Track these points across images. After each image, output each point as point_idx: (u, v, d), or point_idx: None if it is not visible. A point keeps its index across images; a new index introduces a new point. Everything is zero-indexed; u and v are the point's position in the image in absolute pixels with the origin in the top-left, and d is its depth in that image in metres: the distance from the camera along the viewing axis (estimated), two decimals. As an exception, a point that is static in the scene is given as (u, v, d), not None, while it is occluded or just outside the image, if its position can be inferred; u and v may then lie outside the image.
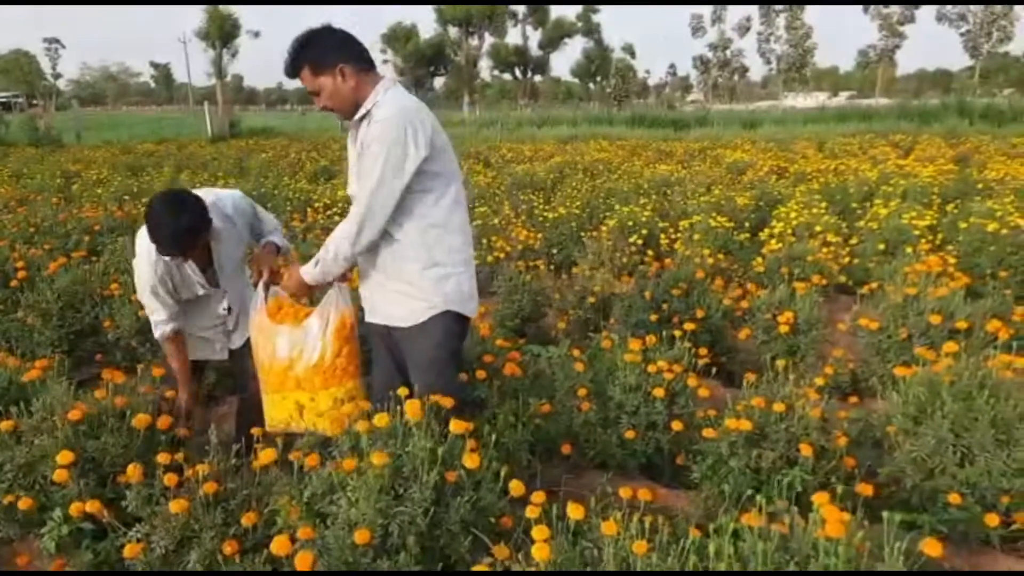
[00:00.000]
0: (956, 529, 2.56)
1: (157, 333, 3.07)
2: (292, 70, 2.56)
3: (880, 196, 8.10)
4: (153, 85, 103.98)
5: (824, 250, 5.83)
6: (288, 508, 2.24)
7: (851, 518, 1.84)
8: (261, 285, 2.95)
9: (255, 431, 2.63)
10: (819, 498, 1.85)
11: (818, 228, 6.44)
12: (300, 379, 2.79)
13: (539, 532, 1.88)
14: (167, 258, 2.90)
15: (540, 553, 1.83)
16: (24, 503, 2.47)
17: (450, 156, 2.63)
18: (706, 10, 62.88)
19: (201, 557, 2.27)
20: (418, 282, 2.61)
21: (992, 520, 2.41)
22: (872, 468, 2.88)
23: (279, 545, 2.06)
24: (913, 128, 21.15)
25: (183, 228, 2.73)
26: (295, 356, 2.78)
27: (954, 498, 2.49)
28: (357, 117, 2.56)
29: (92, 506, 2.38)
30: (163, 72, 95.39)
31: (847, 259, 6.07)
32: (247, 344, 3.06)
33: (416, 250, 2.59)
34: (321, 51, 2.52)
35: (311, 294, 2.86)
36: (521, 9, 52.32)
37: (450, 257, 2.63)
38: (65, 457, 2.47)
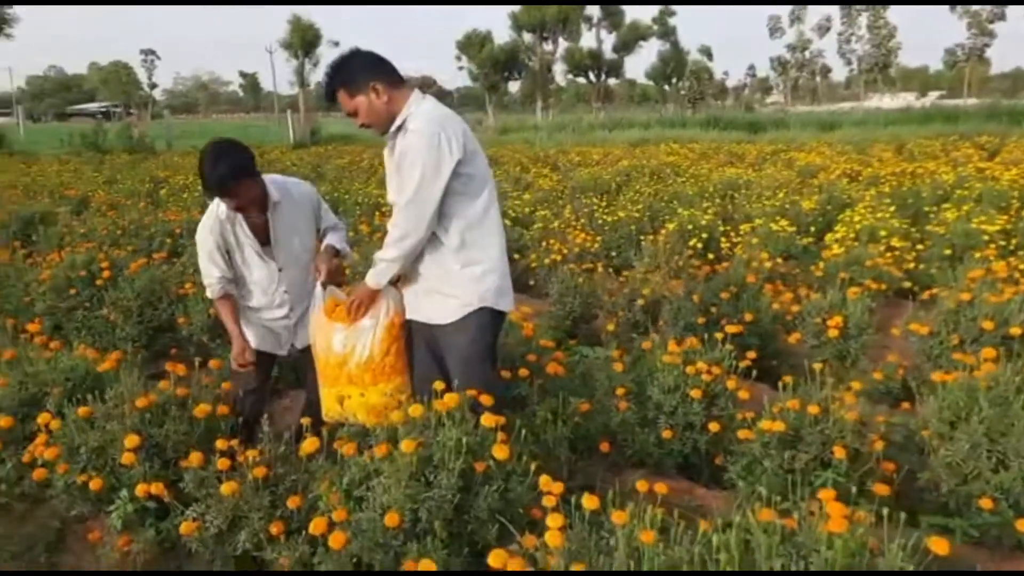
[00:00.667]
0: (989, 533, 2.54)
1: (209, 292, 3.30)
2: (329, 94, 2.75)
3: (953, 200, 7.85)
4: (241, 94, 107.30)
5: (887, 255, 5.71)
6: (329, 493, 2.39)
7: (862, 515, 1.88)
8: (320, 284, 3.13)
9: (303, 421, 2.81)
10: (825, 495, 1.89)
11: (883, 232, 6.29)
12: (352, 375, 2.95)
13: (553, 520, 1.98)
14: (223, 216, 3.13)
15: (553, 540, 1.93)
16: (95, 483, 2.69)
17: (482, 159, 2.77)
18: (784, 10, 61.54)
19: (250, 536, 2.44)
20: (456, 280, 2.74)
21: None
22: (912, 472, 2.87)
23: (316, 526, 2.22)
24: (1001, 129, 20.23)
25: (220, 171, 2.94)
26: (348, 353, 2.95)
27: (986, 503, 2.48)
28: (392, 129, 2.72)
29: (155, 487, 2.60)
30: (251, 81, 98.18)
31: (912, 264, 5.92)
32: None
33: (455, 250, 2.73)
34: (353, 73, 2.70)
35: (376, 298, 2.99)
36: (596, 13, 52.04)
37: (486, 254, 2.76)
38: (132, 441, 2.69)
